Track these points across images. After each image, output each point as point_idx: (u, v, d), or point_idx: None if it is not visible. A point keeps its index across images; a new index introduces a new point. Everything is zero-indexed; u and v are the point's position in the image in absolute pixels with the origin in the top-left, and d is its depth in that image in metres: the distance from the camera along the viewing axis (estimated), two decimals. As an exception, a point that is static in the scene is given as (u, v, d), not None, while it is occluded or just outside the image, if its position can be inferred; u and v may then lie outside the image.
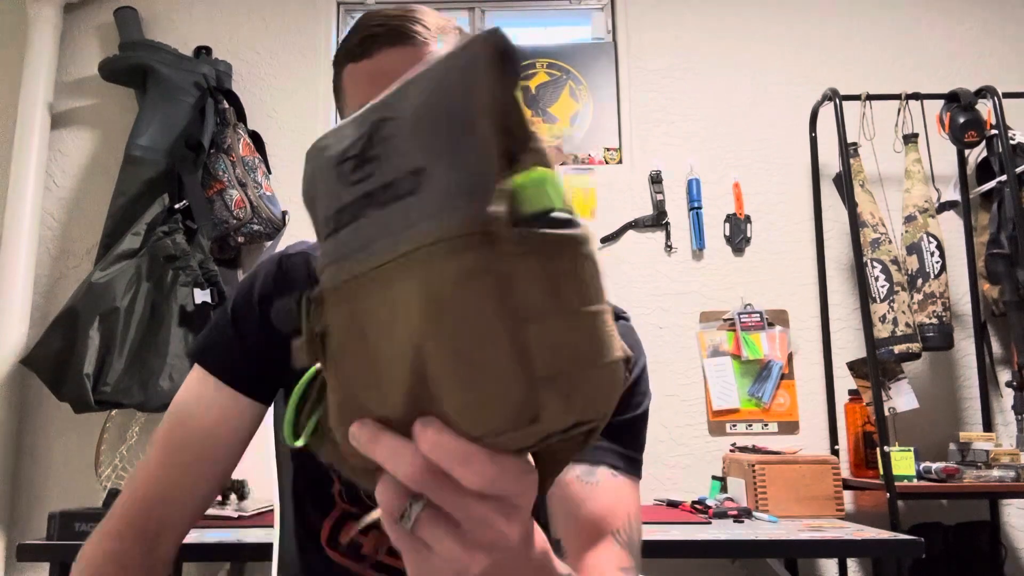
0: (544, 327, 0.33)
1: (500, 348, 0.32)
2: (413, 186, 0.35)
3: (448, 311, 0.33)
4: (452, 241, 0.33)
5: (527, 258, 0.33)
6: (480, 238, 0.33)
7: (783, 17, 2.83)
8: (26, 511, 2.46)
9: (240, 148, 2.51)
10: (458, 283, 0.33)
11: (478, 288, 0.33)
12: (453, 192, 0.34)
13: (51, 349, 2.31)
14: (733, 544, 1.72)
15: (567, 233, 0.34)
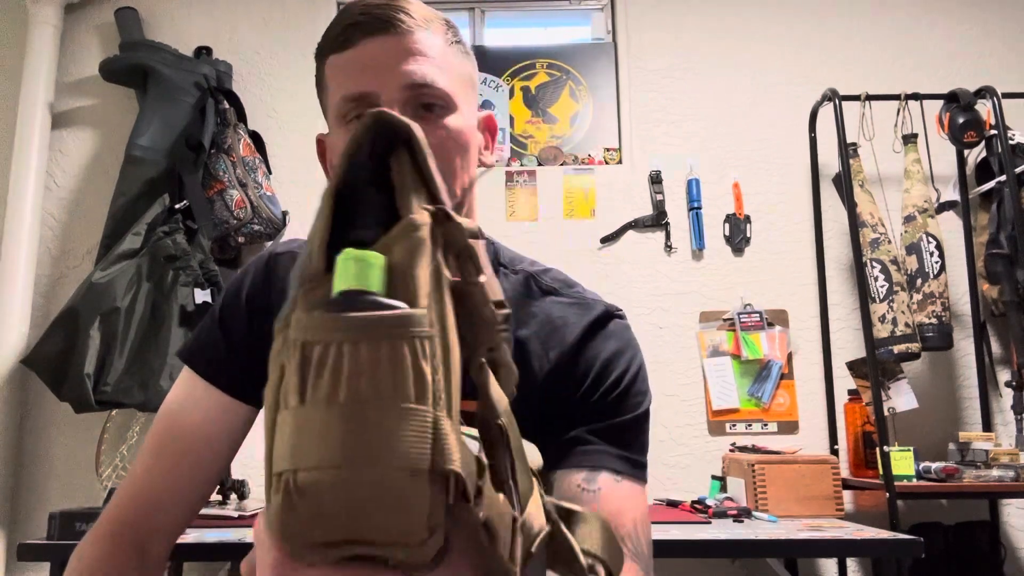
0: (285, 420, 0.31)
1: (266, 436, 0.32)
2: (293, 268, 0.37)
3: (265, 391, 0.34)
4: (277, 324, 0.34)
5: (294, 344, 0.31)
6: (283, 323, 0.34)
7: (783, 17, 2.83)
8: (26, 511, 2.46)
9: (240, 148, 2.51)
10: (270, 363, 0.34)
11: (272, 370, 0.33)
12: (293, 274, 0.36)
13: (51, 349, 2.31)
14: (733, 544, 1.73)
15: (331, 317, 0.31)
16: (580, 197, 2.68)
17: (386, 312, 0.31)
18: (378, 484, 0.29)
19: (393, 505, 0.30)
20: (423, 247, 0.34)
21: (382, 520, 0.30)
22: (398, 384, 0.30)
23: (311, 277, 0.34)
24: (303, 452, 0.30)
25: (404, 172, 0.37)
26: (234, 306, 0.86)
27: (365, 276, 0.32)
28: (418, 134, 0.38)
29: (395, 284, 0.33)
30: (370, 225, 0.36)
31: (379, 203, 0.37)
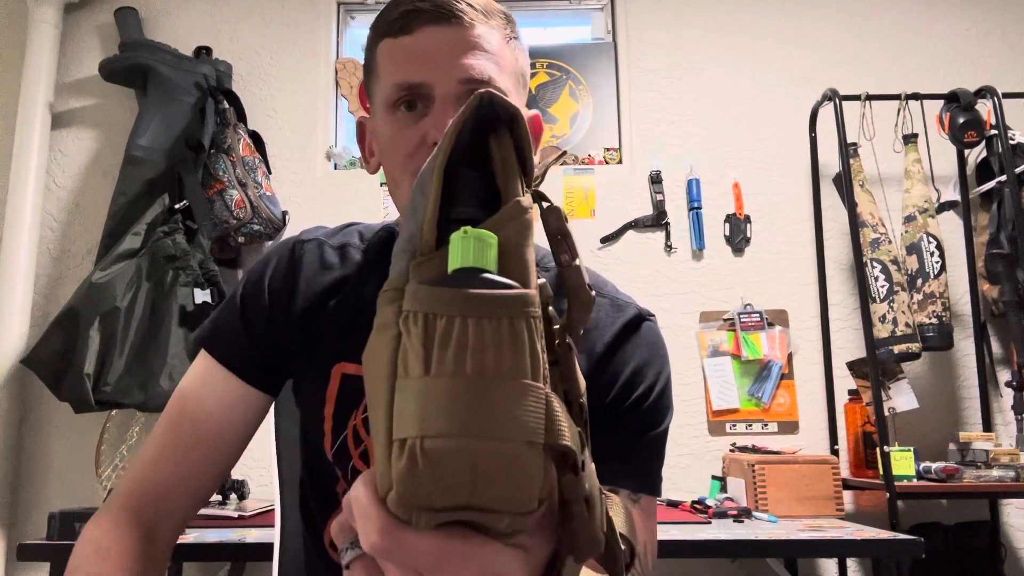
0: (408, 388, 0.32)
1: (377, 405, 0.34)
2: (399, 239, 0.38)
3: (367, 359, 0.35)
4: (385, 293, 0.36)
5: (415, 316, 0.33)
6: (392, 294, 0.35)
7: (783, 17, 2.83)
8: (26, 511, 2.46)
9: (240, 148, 2.51)
10: (374, 333, 0.35)
11: (377, 341, 0.35)
12: (399, 248, 0.37)
13: (51, 349, 2.31)
14: (733, 544, 1.72)
15: (456, 292, 0.32)
16: (580, 197, 2.68)
17: (508, 291, 0.33)
18: (500, 454, 0.31)
19: (512, 475, 0.31)
20: (530, 229, 0.36)
21: (500, 488, 0.31)
22: (518, 361, 0.32)
23: (423, 251, 0.35)
24: (430, 420, 0.31)
25: (507, 154, 0.38)
26: (256, 293, 0.84)
27: (482, 255, 0.33)
28: (522, 117, 0.38)
29: (507, 264, 0.34)
30: (472, 203, 0.37)
31: (479, 183, 0.38)
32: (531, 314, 0.33)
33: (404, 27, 0.75)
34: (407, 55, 0.74)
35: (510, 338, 0.32)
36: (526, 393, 0.32)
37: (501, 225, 0.35)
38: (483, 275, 0.33)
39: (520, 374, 0.32)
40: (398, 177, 0.76)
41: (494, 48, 0.75)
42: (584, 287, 0.40)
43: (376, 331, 0.35)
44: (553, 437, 0.32)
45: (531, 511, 0.33)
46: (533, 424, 0.32)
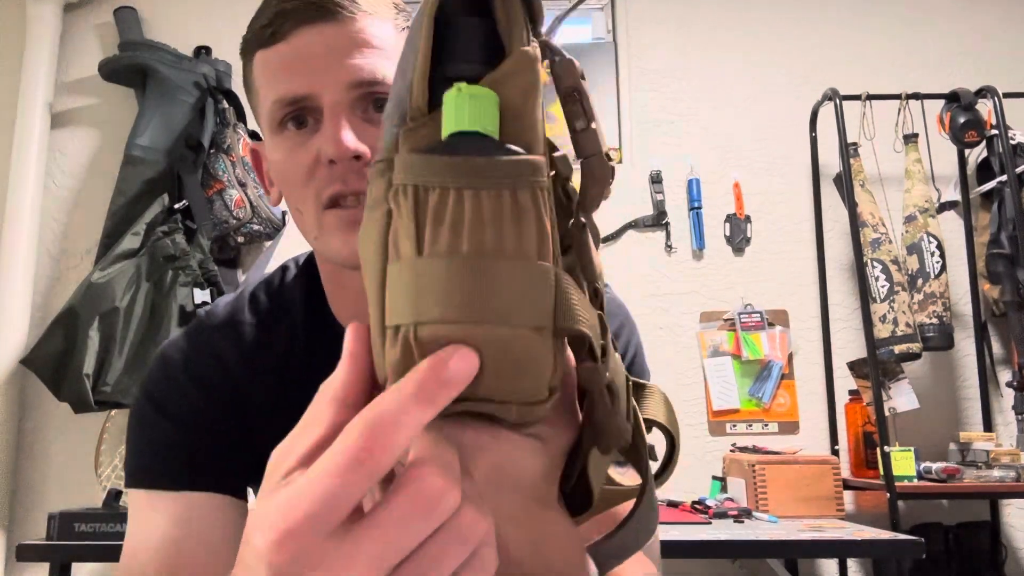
0: (400, 270, 0.29)
1: (370, 289, 0.31)
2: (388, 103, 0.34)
3: (360, 242, 0.32)
4: (376, 164, 0.32)
5: (404, 189, 0.29)
6: (382, 165, 0.31)
7: (783, 17, 2.82)
8: (26, 511, 2.46)
9: (240, 148, 2.51)
10: (365, 212, 0.32)
11: (368, 221, 0.32)
12: (388, 112, 0.33)
13: (51, 349, 2.31)
14: (733, 544, 1.72)
15: (449, 160, 0.29)
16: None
17: (509, 157, 0.29)
18: (503, 341, 0.28)
19: (517, 363, 0.29)
20: (537, 86, 0.31)
21: (505, 378, 0.29)
22: (522, 239, 0.29)
23: (413, 115, 0.31)
24: (424, 305, 0.28)
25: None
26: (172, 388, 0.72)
27: (479, 116, 0.29)
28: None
29: (509, 126, 0.30)
30: (471, 57, 0.32)
31: (478, 32, 0.33)
32: (537, 184, 0.29)
33: (276, 33, 0.64)
34: (284, 65, 0.64)
35: (512, 212, 0.28)
36: (531, 273, 0.29)
37: (502, 81, 0.30)
38: (482, 140, 0.29)
39: (524, 252, 0.28)
40: (299, 205, 0.66)
41: (384, 41, 0.65)
42: (601, 156, 0.35)
43: (367, 210, 0.32)
44: (564, 321, 0.29)
45: (541, 400, 0.30)
46: (540, 307, 0.29)
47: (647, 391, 0.43)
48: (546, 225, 0.29)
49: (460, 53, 0.32)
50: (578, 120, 0.35)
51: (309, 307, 0.76)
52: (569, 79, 0.34)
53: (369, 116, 0.65)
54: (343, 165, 0.63)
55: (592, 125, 0.35)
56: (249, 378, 0.73)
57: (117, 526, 1.84)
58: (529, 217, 0.29)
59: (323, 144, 0.63)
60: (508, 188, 0.28)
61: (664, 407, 0.42)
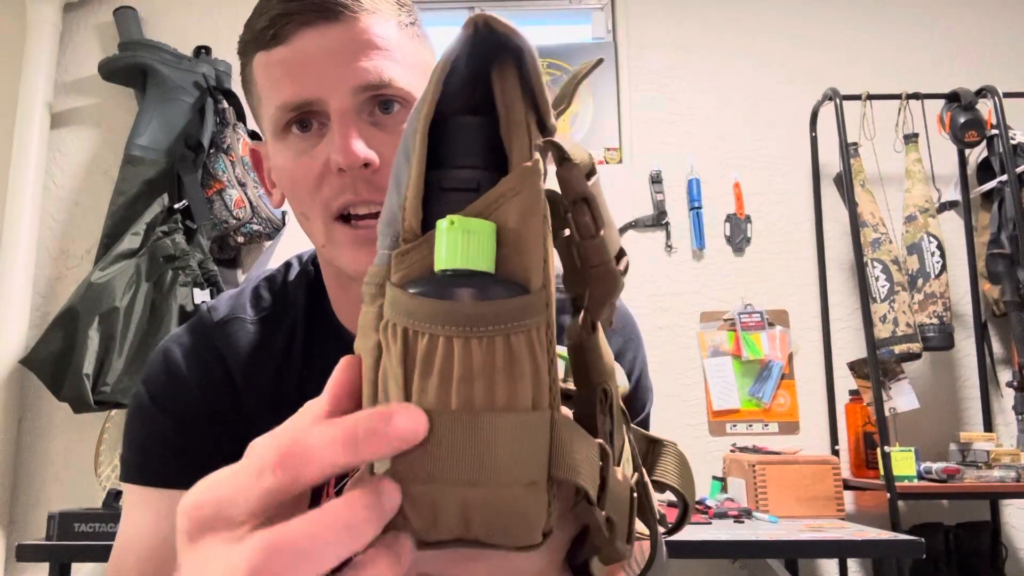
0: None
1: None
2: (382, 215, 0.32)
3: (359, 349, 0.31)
4: (367, 287, 0.30)
5: (394, 329, 0.28)
6: (374, 290, 0.30)
7: (783, 17, 2.82)
8: (26, 511, 2.46)
9: (240, 148, 2.51)
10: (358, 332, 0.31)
11: (362, 346, 0.30)
12: (381, 226, 0.31)
13: (51, 349, 2.30)
14: (733, 544, 1.72)
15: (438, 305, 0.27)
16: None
17: (501, 303, 0.27)
18: (493, 500, 0.27)
19: (508, 518, 0.28)
20: (538, 205, 0.28)
21: (496, 530, 0.28)
22: (514, 389, 0.27)
23: (406, 236, 0.29)
24: (411, 463, 0.27)
25: (512, 96, 0.30)
26: (171, 383, 0.71)
27: (473, 252, 0.27)
28: (530, 44, 0.30)
29: (506, 255, 0.28)
30: (469, 162, 0.30)
31: (478, 133, 0.30)
32: (532, 325, 0.27)
33: (277, 35, 0.63)
34: (287, 69, 0.63)
35: (505, 360, 0.27)
36: (524, 426, 0.27)
37: (498, 204, 0.28)
38: (476, 277, 0.27)
39: (517, 404, 0.27)
40: (307, 212, 0.66)
41: (389, 41, 0.63)
42: (607, 264, 0.33)
43: (360, 331, 0.30)
44: (560, 471, 0.28)
45: (535, 546, 0.29)
46: (533, 461, 0.27)
47: (663, 449, 0.42)
48: (542, 368, 0.28)
49: (456, 158, 0.30)
50: (586, 229, 0.32)
51: (311, 306, 0.75)
52: (576, 185, 0.32)
53: (376, 119, 0.64)
54: (353, 174, 0.62)
55: (601, 233, 0.32)
56: (248, 375, 0.72)
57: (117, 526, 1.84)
58: (523, 364, 0.27)
59: (332, 153, 0.62)
60: (501, 335, 0.27)
61: (678, 467, 0.41)
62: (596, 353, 0.35)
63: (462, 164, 0.30)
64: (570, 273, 0.34)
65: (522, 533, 0.29)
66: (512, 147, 0.29)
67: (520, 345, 0.27)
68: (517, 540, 0.29)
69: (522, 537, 0.29)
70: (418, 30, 0.69)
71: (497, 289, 0.27)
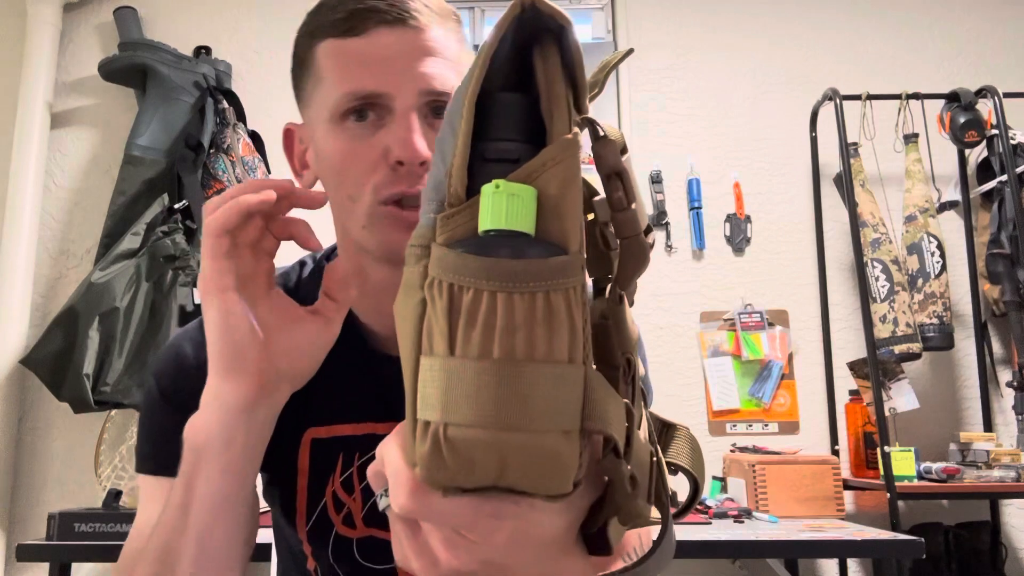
0: (433, 367, 0.30)
1: (405, 373, 0.31)
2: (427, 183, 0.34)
3: (397, 316, 0.32)
4: (412, 248, 0.32)
5: (439, 285, 0.29)
6: (419, 251, 0.32)
7: (783, 17, 2.82)
8: (26, 511, 2.45)
9: (240, 148, 2.51)
10: (401, 289, 0.32)
11: (404, 303, 0.32)
12: (426, 193, 0.33)
13: (51, 349, 2.31)
14: (733, 544, 1.72)
15: (483, 262, 0.29)
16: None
17: (541, 260, 0.29)
18: (531, 446, 0.29)
19: (544, 464, 0.29)
20: (577, 176, 0.30)
21: (531, 477, 0.30)
22: (553, 342, 0.29)
23: (452, 201, 0.31)
24: (454, 406, 0.29)
25: (553, 74, 0.32)
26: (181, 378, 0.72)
27: (516, 214, 0.29)
28: (572, 25, 0.32)
29: (546, 220, 0.30)
30: (511, 135, 0.32)
31: (520, 109, 0.32)
32: (570, 284, 0.29)
33: (353, 28, 0.66)
34: (360, 60, 0.65)
35: (544, 316, 0.29)
36: (561, 378, 0.29)
37: (540, 172, 0.30)
38: (517, 238, 0.29)
39: (555, 356, 0.29)
40: (355, 194, 0.68)
41: (451, 52, 0.68)
42: (639, 237, 0.35)
43: (403, 289, 0.32)
44: (592, 422, 0.30)
45: (566, 493, 0.31)
46: (568, 411, 0.29)
47: (675, 432, 0.44)
48: (578, 325, 0.29)
49: (499, 131, 0.32)
50: (618, 202, 0.34)
51: None
52: (611, 159, 0.34)
53: (431, 122, 0.66)
54: (409, 168, 0.64)
55: (632, 206, 0.34)
56: None
57: (117, 526, 1.84)
58: (561, 320, 0.29)
59: (393, 144, 0.64)
60: (541, 291, 0.29)
61: (689, 449, 0.43)
62: (623, 323, 0.36)
63: (504, 137, 0.32)
64: (593, 256, 0.36)
65: (555, 480, 0.30)
66: (553, 121, 0.31)
67: (559, 302, 0.29)
68: (550, 487, 0.30)
69: (555, 484, 0.30)
70: (467, 46, 0.73)
71: (538, 249, 0.29)
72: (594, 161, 0.34)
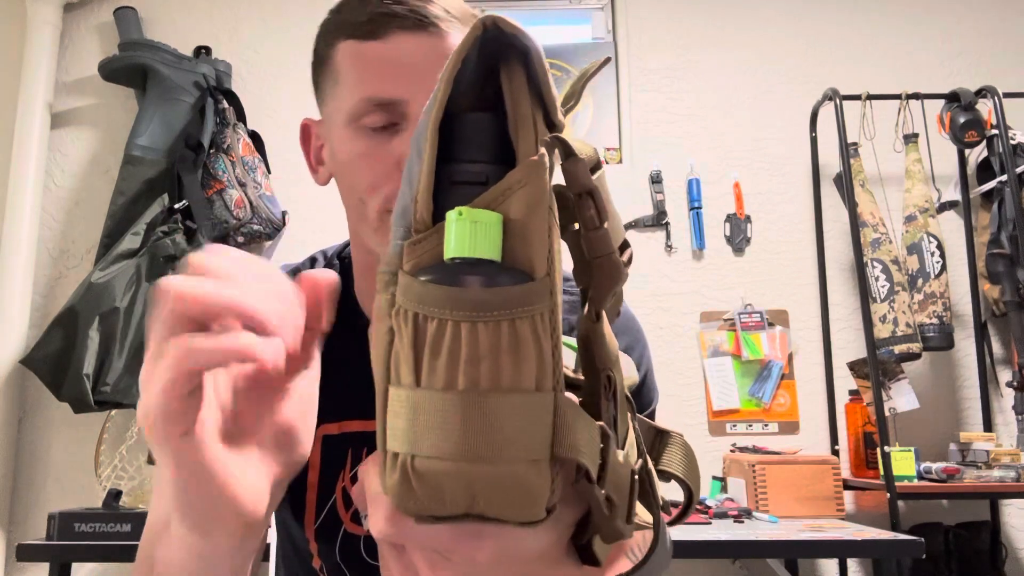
0: (399, 398, 0.30)
1: (377, 398, 0.31)
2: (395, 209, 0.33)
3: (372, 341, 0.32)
4: (380, 274, 0.32)
5: (405, 315, 0.29)
6: (387, 278, 0.31)
7: (783, 17, 2.82)
8: (26, 511, 2.46)
9: (240, 148, 2.51)
10: (372, 319, 0.32)
11: (375, 332, 0.32)
12: (395, 218, 0.33)
13: (51, 349, 2.31)
14: (733, 544, 1.72)
15: (446, 291, 0.28)
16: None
17: (506, 289, 0.28)
18: (498, 476, 0.29)
19: (513, 493, 0.29)
20: (543, 197, 0.30)
21: (502, 505, 0.29)
22: (519, 371, 0.28)
23: (417, 227, 0.31)
24: (420, 438, 0.29)
25: (519, 93, 0.31)
26: None
27: (480, 241, 0.29)
28: (537, 44, 0.31)
29: (512, 245, 0.29)
30: (478, 157, 0.32)
31: (486, 129, 0.32)
32: (536, 311, 0.29)
33: (374, 31, 0.66)
34: (380, 65, 0.65)
35: (510, 344, 0.28)
36: (528, 406, 0.28)
37: (505, 196, 0.30)
38: (483, 265, 0.29)
39: (522, 385, 0.28)
40: (365, 198, 0.68)
41: None
42: (612, 255, 0.35)
43: (374, 317, 0.32)
44: (561, 449, 0.29)
45: (539, 521, 0.31)
46: (536, 439, 0.29)
47: (669, 439, 0.43)
48: (546, 351, 0.29)
49: (466, 153, 0.32)
50: (590, 221, 0.34)
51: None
52: (581, 178, 0.33)
53: None
54: None
55: (604, 226, 0.34)
56: None
57: (117, 526, 1.84)
58: (527, 347, 0.29)
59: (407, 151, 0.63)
60: (506, 320, 0.28)
61: (683, 457, 0.43)
62: (601, 341, 0.36)
63: (471, 159, 0.31)
64: (580, 266, 0.36)
65: (526, 508, 0.30)
66: (519, 142, 0.31)
67: (524, 329, 0.28)
68: (521, 515, 0.30)
69: (526, 512, 0.30)
70: None
71: (503, 277, 0.29)
72: (565, 180, 0.33)
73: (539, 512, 0.30)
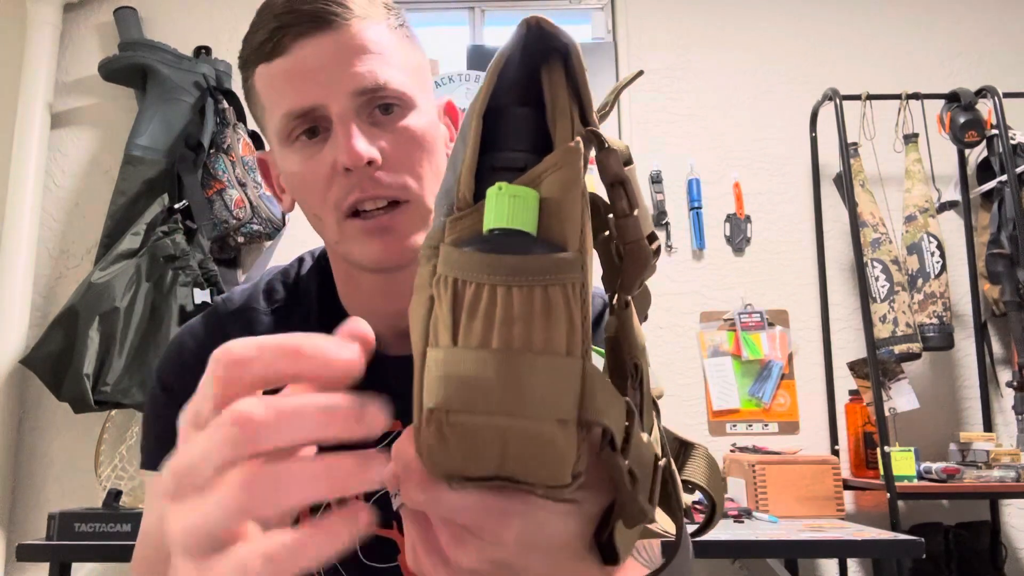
0: (437, 357, 0.31)
1: (416, 361, 0.33)
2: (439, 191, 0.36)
3: (412, 312, 0.34)
4: (424, 250, 0.34)
5: (445, 280, 0.31)
6: (429, 252, 0.34)
7: (783, 17, 2.82)
8: (26, 511, 2.45)
9: (240, 148, 2.51)
10: (414, 291, 0.34)
11: (415, 301, 0.34)
12: (438, 199, 0.35)
13: (51, 349, 2.30)
14: (733, 544, 1.72)
15: (484, 258, 0.31)
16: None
17: (540, 257, 0.30)
18: (527, 433, 0.30)
19: (541, 452, 0.30)
20: (578, 180, 0.32)
21: (530, 464, 0.31)
22: (550, 334, 0.30)
23: (459, 204, 0.33)
24: (456, 394, 0.30)
25: (558, 89, 0.35)
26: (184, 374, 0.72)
27: (518, 214, 0.31)
28: (576, 44, 0.35)
29: (547, 222, 0.32)
30: (518, 146, 0.34)
31: (527, 122, 0.35)
32: (568, 280, 0.30)
33: (276, 48, 0.65)
34: (288, 79, 0.65)
35: (542, 308, 0.30)
36: (557, 368, 0.30)
37: (543, 177, 0.32)
38: (519, 236, 0.31)
39: (552, 348, 0.30)
40: (320, 214, 0.69)
41: (381, 45, 0.66)
42: (640, 242, 0.38)
43: (415, 290, 0.34)
44: (588, 413, 0.31)
45: (564, 485, 0.32)
46: (564, 400, 0.30)
47: (693, 452, 0.44)
48: (576, 320, 0.31)
49: (507, 142, 0.34)
50: (622, 209, 0.37)
51: (322, 300, 0.78)
52: (614, 168, 0.36)
53: (376, 119, 0.66)
54: (359, 172, 0.65)
55: (635, 212, 0.37)
56: None
57: (117, 526, 1.84)
58: (558, 313, 0.30)
59: (338, 154, 0.64)
60: (539, 285, 0.30)
61: (707, 468, 0.44)
62: (628, 328, 0.38)
63: (511, 147, 0.34)
64: (609, 272, 0.39)
65: (553, 469, 0.31)
66: (556, 130, 0.34)
67: (557, 296, 0.30)
68: (548, 477, 0.31)
69: (553, 474, 0.31)
70: (407, 31, 0.71)
71: (538, 247, 0.31)
72: (598, 170, 0.36)
73: (565, 475, 0.31)
